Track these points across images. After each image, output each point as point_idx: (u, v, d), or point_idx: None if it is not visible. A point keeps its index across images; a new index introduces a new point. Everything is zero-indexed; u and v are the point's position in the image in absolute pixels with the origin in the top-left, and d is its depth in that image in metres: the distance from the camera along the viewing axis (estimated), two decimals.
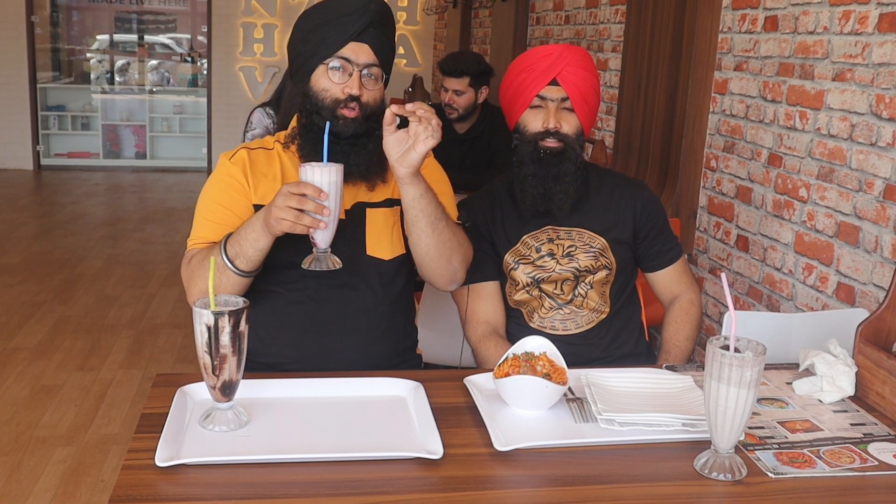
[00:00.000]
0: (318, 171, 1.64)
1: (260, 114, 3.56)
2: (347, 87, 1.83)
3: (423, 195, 1.77)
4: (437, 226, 1.81)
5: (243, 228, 1.75)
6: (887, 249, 2.38)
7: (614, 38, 4.49)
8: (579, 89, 2.04)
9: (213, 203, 1.90)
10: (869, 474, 1.39)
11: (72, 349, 4.21)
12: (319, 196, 1.62)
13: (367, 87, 1.86)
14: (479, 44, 7.37)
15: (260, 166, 1.92)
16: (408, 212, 1.80)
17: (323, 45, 1.85)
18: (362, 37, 1.84)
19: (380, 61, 1.87)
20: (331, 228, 1.68)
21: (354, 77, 1.84)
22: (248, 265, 1.75)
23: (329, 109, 1.84)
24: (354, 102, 1.83)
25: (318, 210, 1.62)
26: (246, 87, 9.49)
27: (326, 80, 1.85)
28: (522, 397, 1.54)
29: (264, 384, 1.60)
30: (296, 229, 1.64)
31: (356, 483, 1.29)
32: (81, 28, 10.39)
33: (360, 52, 1.84)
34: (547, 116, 2.03)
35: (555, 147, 2.03)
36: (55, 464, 3.07)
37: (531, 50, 2.09)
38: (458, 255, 1.90)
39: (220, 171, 1.93)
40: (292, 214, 1.61)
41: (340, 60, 1.84)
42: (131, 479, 1.27)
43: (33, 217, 7.25)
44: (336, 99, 1.84)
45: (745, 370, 1.30)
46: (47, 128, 9.45)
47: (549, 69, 2.03)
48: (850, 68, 2.54)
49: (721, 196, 3.29)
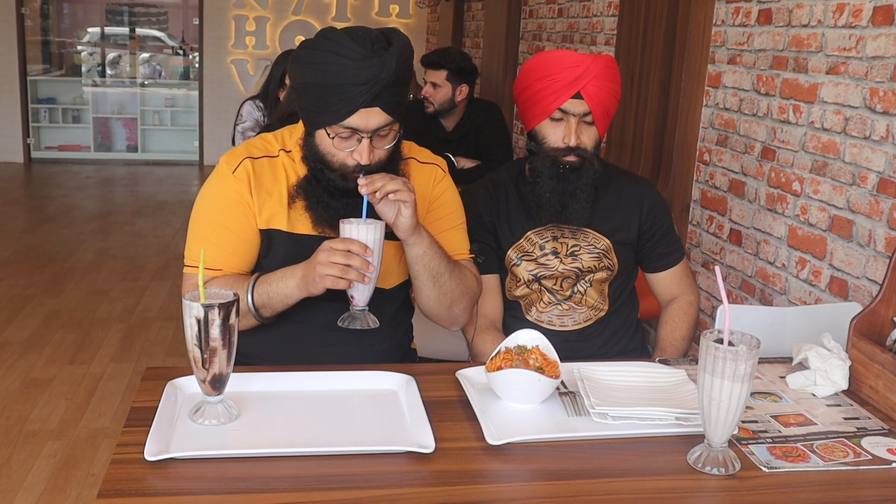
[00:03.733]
0: (363, 229, 1.62)
1: (250, 106, 3.56)
2: (356, 154, 1.67)
3: (426, 252, 1.73)
4: (440, 279, 1.79)
5: (276, 282, 1.69)
6: (881, 243, 2.37)
7: (607, 32, 4.48)
8: (603, 103, 1.97)
9: (216, 224, 1.77)
10: (862, 468, 1.38)
11: (62, 343, 4.19)
12: (365, 252, 1.60)
13: (377, 148, 1.69)
14: (471, 37, 7.34)
15: (265, 182, 1.78)
16: (411, 266, 1.78)
17: (327, 110, 1.65)
18: (374, 102, 1.63)
19: (394, 118, 1.68)
20: (371, 285, 1.66)
21: (364, 145, 1.66)
22: (271, 315, 1.75)
23: (337, 173, 1.71)
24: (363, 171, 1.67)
25: (364, 266, 1.59)
26: (238, 79, 9.45)
27: (331, 145, 1.69)
28: (515, 391, 1.53)
29: (255, 378, 1.58)
30: (338, 284, 1.60)
31: (347, 477, 1.28)
32: (72, 20, 10.34)
33: (371, 117, 1.65)
34: (568, 132, 1.97)
35: (574, 162, 1.99)
36: (45, 458, 3.05)
37: (557, 54, 1.99)
38: (461, 303, 1.86)
39: (221, 184, 1.78)
40: (337, 269, 1.58)
41: (347, 130, 1.66)
42: (120, 473, 1.26)
43: (23, 210, 7.22)
44: (343, 163, 1.70)
45: (738, 364, 1.29)
46: (38, 121, 9.41)
47: (574, 83, 1.94)
48: (844, 61, 2.53)
49: (714, 190, 3.29)
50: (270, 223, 1.78)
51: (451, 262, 1.81)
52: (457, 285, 1.82)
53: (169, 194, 8.03)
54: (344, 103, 1.63)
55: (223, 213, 1.77)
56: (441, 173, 1.92)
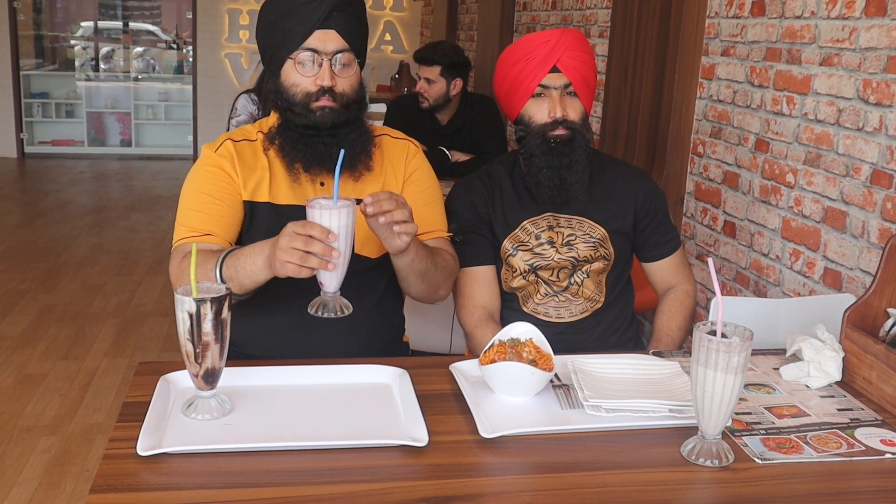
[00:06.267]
0: (325, 214, 1.51)
1: (245, 100, 3.54)
2: (318, 79, 1.76)
3: (413, 260, 1.74)
4: (427, 275, 1.80)
5: (245, 256, 1.63)
6: (874, 235, 2.38)
7: (601, 24, 4.47)
8: (581, 73, 2.00)
9: (198, 193, 1.81)
10: (856, 459, 1.38)
11: (56, 338, 4.18)
12: (328, 237, 1.50)
13: (339, 76, 1.78)
14: (465, 30, 7.33)
15: (247, 159, 1.85)
16: (398, 271, 1.81)
17: (287, 38, 1.77)
18: (327, 23, 1.76)
19: (350, 45, 1.79)
20: (340, 271, 1.56)
21: (325, 67, 1.76)
22: (240, 291, 1.66)
23: (302, 105, 1.78)
24: (327, 95, 1.76)
25: (327, 252, 1.49)
26: (231, 73, 9.43)
27: (296, 75, 1.78)
28: (508, 384, 1.53)
29: (248, 372, 1.58)
30: (301, 273, 1.51)
31: (340, 471, 1.28)
32: (65, 14, 10.30)
33: (328, 40, 1.76)
34: (552, 105, 1.98)
35: (564, 135, 1.99)
36: (40, 453, 3.05)
37: (525, 37, 2.04)
38: (445, 286, 1.91)
39: (204, 162, 1.85)
40: (297, 256, 1.49)
41: (307, 52, 1.76)
42: (113, 469, 1.26)
43: (17, 205, 7.20)
44: (307, 92, 1.77)
45: (732, 356, 1.29)
46: (31, 115, 9.37)
47: (549, 56, 1.97)
48: (838, 53, 2.53)
49: (708, 182, 3.29)
50: (255, 195, 1.83)
51: (433, 255, 1.82)
52: (440, 273, 1.85)
53: (163, 189, 8.01)
54: (301, 24, 1.76)
55: (208, 185, 1.82)
56: (414, 149, 1.99)
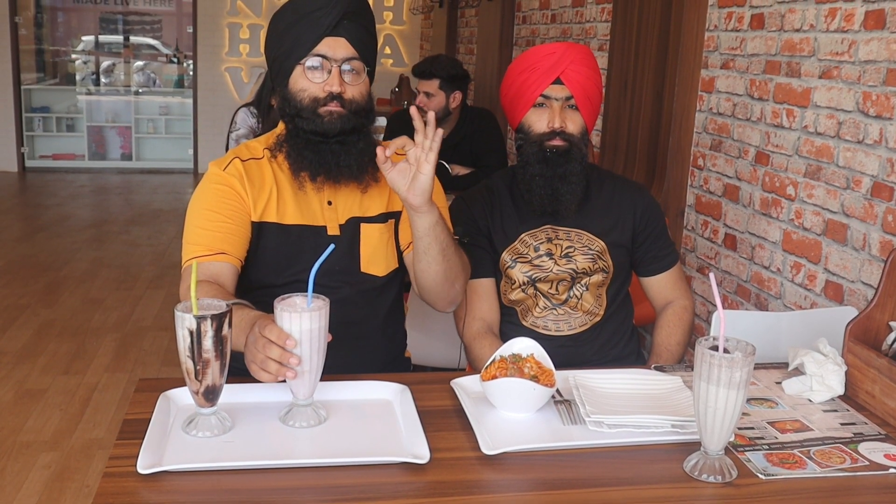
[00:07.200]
0: (286, 317, 1.39)
1: (244, 114, 3.55)
2: (327, 85, 1.77)
3: (437, 223, 1.71)
4: (447, 252, 1.77)
5: (235, 325, 1.51)
6: (875, 247, 2.37)
7: (601, 37, 4.48)
8: (583, 87, 2.02)
9: (207, 210, 1.78)
10: (860, 474, 1.38)
11: (56, 353, 4.17)
12: (285, 343, 1.38)
13: (349, 83, 1.79)
14: (465, 43, 7.35)
15: (255, 179, 1.83)
16: (420, 240, 1.74)
17: (297, 45, 1.78)
18: (337, 30, 1.77)
19: (359, 54, 1.80)
20: (307, 379, 1.43)
21: (334, 73, 1.77)
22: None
23: (309, 109, 1.78)
24: (336, 101, 1.77)
25: (285, 358, 1.38)
26: (232, 87, 9.44)
27: (304, 80, 1.79)
28: (510, 400, 1.53)
29: (248, 389, 1.57)
30: (262, 377, 1.41)
31: (341, 489, 1.27)
32: (66, 29, 10.32)
33: (338, 47, 1.78)
34: (552, 116, 2.01)
35: (560, 146, 2.01)
36: (39, 469, 3.04)
37: (533, 49, 2.06)
38: (461, 280, 1.86)
39: (212, 179, 1.82)
40: (259, 359, 1.39)
41: (317, 58, 1.77)
42: (113, 487, 1.25)
43: (18, 219, 7.20)
44: (315, 97, 1.78)
45: (734, 371, 1.29)
46: (32, 129, 9.38)
47: (553, 68, 2.00)
48: (837, 66, 2.53)
49: (708, 194, 3.29)
50: (263, 216, 1.82)
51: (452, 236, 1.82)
52: (459, 259, 1.82)
53: (164, 202, 8.01)
54: (311, 31, 1.77)
55: (217, 203, 1.79)
56: None
